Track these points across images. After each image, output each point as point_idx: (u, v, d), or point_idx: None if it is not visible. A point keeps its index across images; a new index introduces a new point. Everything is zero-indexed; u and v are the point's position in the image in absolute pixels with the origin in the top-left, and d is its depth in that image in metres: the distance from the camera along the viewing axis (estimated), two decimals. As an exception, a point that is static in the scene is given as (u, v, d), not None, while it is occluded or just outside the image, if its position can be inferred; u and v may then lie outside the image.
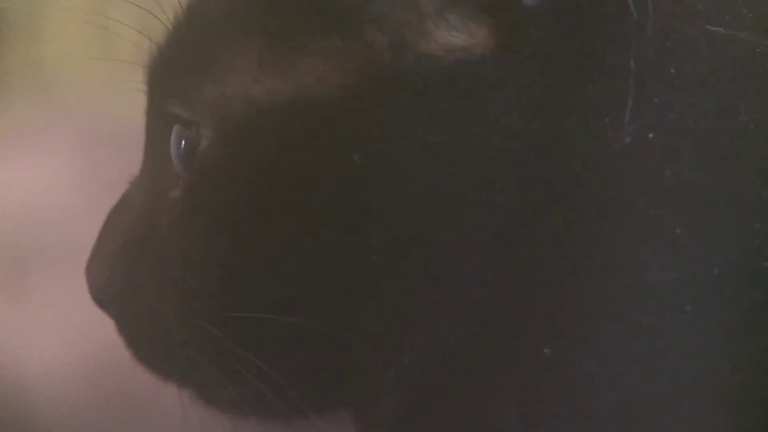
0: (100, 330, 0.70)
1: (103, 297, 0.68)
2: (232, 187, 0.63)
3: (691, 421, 0.56)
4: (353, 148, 0.61)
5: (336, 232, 0.62)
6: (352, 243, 0.62)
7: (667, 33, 0.59)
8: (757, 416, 0.56)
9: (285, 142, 0.62)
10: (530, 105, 0.60)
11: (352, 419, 0.66)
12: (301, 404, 0.64)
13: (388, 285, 0.62)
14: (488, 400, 0.59)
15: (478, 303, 0.60)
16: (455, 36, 0.60)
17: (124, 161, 0.76)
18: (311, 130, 0.62)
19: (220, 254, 0.64)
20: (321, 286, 0.62)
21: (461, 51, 0.60)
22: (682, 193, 0.58)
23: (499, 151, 0.60)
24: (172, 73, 0.66)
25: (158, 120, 0.67)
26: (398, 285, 0.61)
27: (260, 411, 0.67)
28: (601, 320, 0.58)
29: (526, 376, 0.59)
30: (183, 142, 0.65)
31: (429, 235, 0.61)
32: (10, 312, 1.20)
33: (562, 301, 0.58)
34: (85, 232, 0.71)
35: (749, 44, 0.59)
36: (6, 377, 1.20)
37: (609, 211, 0.59)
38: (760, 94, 0.58)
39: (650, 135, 0.58)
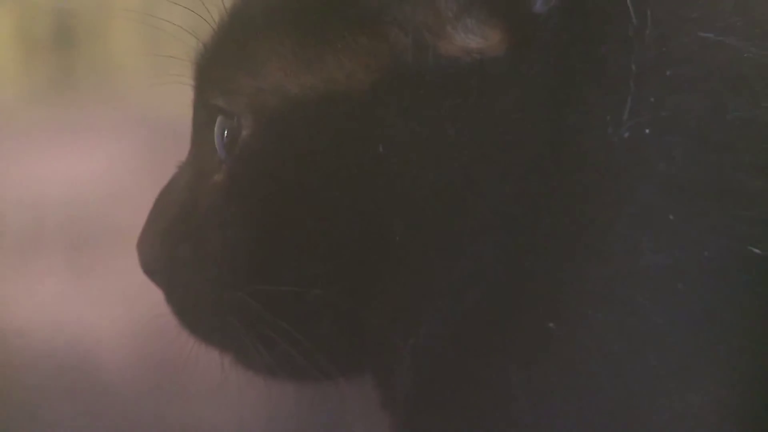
0: (151, 299, 0.70)
1: (152, 269, 0.68)
2: (270, 173, 0.63)
3: (682, 391, 0.56)
4: (378, 139, 0.61)
5: (360, 214, 0.61)
6: (374, 224, 0.61)
7: (664, 39, 0.59)
8: (746, 385, 0.55)
9: (316, 132, 0.62)
10: (538, 101, 0.59)
11: (375, 383, 0.66)
12: (328, 367, 0.64)
13: (406, 264, 0.62)
14: (494, 369, 0.59)
15: (486, 282, 0.60)
16: (471, 39, 0.60)
17: (173, 148, 0.76)
18: (340, 122, 0.61)
19: (256, 232, 0.64)
20: (346, 264, 0.62)
21: (476, 52, 0.60)
22: (675, 183, 0.57)
23: (509, 143, 0.59)
24: (216, 68, 0.66)
25: (203, 111, 0.67)
26: (415, 264, 0.61)
27: (292, 374, 0.66)
28: (599, 297, 0.57)
29: (530, 348, 0.58)
30: (225, 132, 0.65)
31: (444, 219, 0.60)
32: (75, 285, 1.20)
33: (564, 279, 0.58)
34: (138, 211, 0.72)
35: (737, 49, 0.58)
36: (72, 342, 1.19)
37: (608, 199, 0.58)
38: (746, 94, 0.57)
39: (646, 131, 0.58)
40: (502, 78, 0.60)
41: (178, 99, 0.70)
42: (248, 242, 0.64)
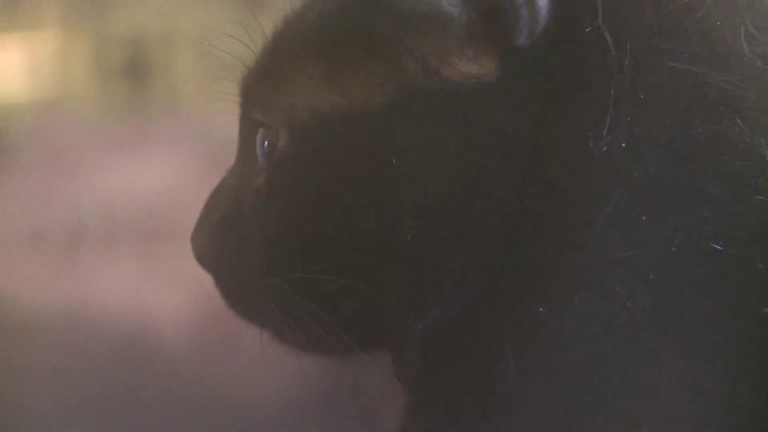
0: (204, 284, 0.70)
1: (203, 259, 0.68)
2: (302, 177, 0.63)
3: (651, 365, 0.56)
4: (391, 149, 0.60)
5: (377, 213, 0.61)
6: (389, 222, 0.61)
7: (639, 67, 0.59)
8: (709, 361, 0.55)
9: (340, 143, 0.61)
10: (528, 119, 0.59)
11: (389, 356, 0.66)
12: (349, 343, 0.64)
13: (416, 256, 0.61)
14: (491, 347, 0.59)
15: (483, 272, 0.60)
16: (471, 66, 0.60)
17: (223, 156, 0.75)
18: (360, 135, 0.61)
19: (291, 228, 0.63)
20: (365, 255, 0.62)
21: (475, 77, 0.59)
22: (647, 188, 0.57)
23: (502, 153, 0.59)
24: (258, 88, 0.66)
25: (247, 124, 0.67)
26: (423, 256, 0.61)
27: (319, 349, 0.66)
28: (582, 285, 0.57)
29: (521, 328, 0.58)
30: (266, 142, 0.65)
31: (446, 218, 0.60)
32: (144, 271, 1.22)
33: (550, 271, 0.58)
34: (195, 210, 0.72)
35: (701, 76, 0.58)
36: (141, 318, 1.20)
37: (588, 201, 0.58)
38: (708, 113, 0.57)
39: (623, 144, 0.57)
40: (496, 98, 0.59)
41: (228, 114, 0.70)
42: (284, 236, 0.64)
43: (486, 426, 0.60)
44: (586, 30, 0.60)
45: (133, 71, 1.21)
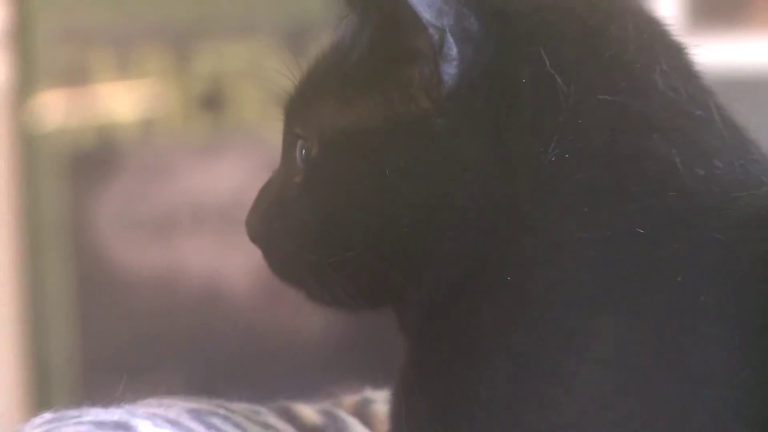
0: (260, 256, 0.67)
1: (254, 237, 0.64)
2: (329, 178, 0.60)
3: (594, 316, 0.52)
4: (387, 161, 0.57)
5: (383, 209, 0.58)
6: (393, 216, 0.58)
7: (580, 99, 0.55)
8: (646, 321, 0.52)
9: (354, 153, 0.59)
10: (492, 140, 0.56)
11: (396, 314, 0.61)
12: (365, 304, 0.61)
13: (413, 242, 0.58)
14: (473, 308, 0.55)
15: (465, 257, 0.56)
16: (429, 101, 0.56)
17: (273, 161, 0.73)
18: (366, 148, 0.58)
19: (322, 216, 0.60)
20: (379, 240, 0.58)
21: (440, 109, 0.56)
22: (587, 187, 0.54)
23: (473, 165, 0.56)
24: (296, 109, 0.63)
25: (289, 136, 0.63)
26: (419, 243, 0.57)
27: (341, 306, 0.62)
28: (541, 262, 0.54)
29: (495, 293, 0.55)
30: (303, 150, 0.61)
31: (433, 216, 0.57)
32: (218, 248, 1.27)
33: (515, 250, 0.54)
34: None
35: (626, 105, 0.55)
36: (214, 281, 1.28)
37: (543, 198, 0.55)
38: (631, 131, 0.54)
39: (566, 156, 0.54)
40: (460, 123, 0.56)
41: (277, 131, 0.68)
42: (316, 223, 0.61)
43: (472, 364, 0.57)
44: (543, 72, 0.57)
45: (212, 101, 1.25)
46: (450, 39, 0.54)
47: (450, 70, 0.55)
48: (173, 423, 0.55)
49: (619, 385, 0.51)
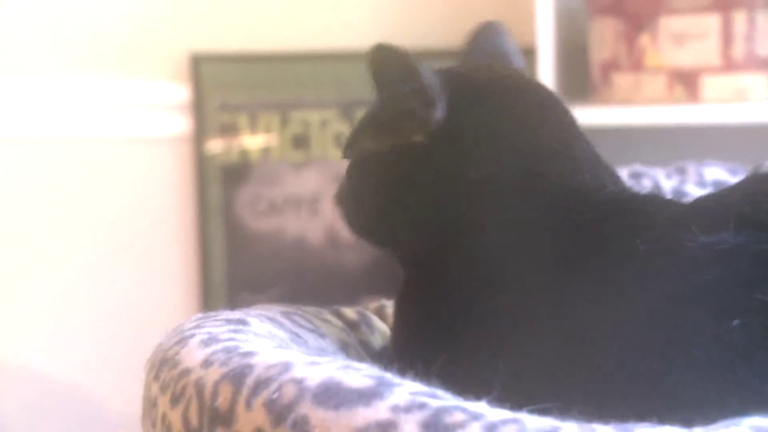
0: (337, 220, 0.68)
1: (336, 204, 0.65)
2: (357, 180, 0.64)
3: (560, 278, 0.55)
4: (396, 176, 0.60)
5: (386, 207, 0.61)
6: (395, 214, 0.61)
7: (503, 153, 0.59)
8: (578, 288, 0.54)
9: (372, 171, 0.62)
10: (457, 162, 0.58)
11: (398, 260, 0.65)
12: (383, 245, 0.65)
13: (407, 238, 0.61)
14: (453, 273, 0.59)
15: (440, 239, 0.60)
16: (419, 134, 0.59)
17: (338, 173, 0.85)
18: (380, 167, 0.61)
19: (359, 209, 0.64)
20: (390, 231, 0.62)
21: (424, 140, 0.58)
22: (521, 187, 0.58)
23: (449, 181, 0.58)
24: (348, 143, 0.65)
25: (346, 157, 0.64)
26: (413, 233, 0.61)
27: (372, 243, 0.66)
28: (498, 240, 0.57)
29: (472, 260, 0.58)
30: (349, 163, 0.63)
31: (422, 212, 0.60)
32: (306, 220, 1.37)
33: (477, 235, 0.58)
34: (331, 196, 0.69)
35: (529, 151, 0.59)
36: (303, 238, 1.36)
37: (484, 197, 0.58)
38: (535, 157, 0.57)
39: (498, 180, 0.58)
40: (439, 150, 0.58)
41: (338, 156, 0.68)
42: (353, 205, 0.65)
43: (433, 293, 0.59)
44: (483, 124, 0.58)
45: (301, 141, 1.37)
46: (437, 98, 0.56)
47: (434, 117, 0.57)
48: (271, 319, 0.59)
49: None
